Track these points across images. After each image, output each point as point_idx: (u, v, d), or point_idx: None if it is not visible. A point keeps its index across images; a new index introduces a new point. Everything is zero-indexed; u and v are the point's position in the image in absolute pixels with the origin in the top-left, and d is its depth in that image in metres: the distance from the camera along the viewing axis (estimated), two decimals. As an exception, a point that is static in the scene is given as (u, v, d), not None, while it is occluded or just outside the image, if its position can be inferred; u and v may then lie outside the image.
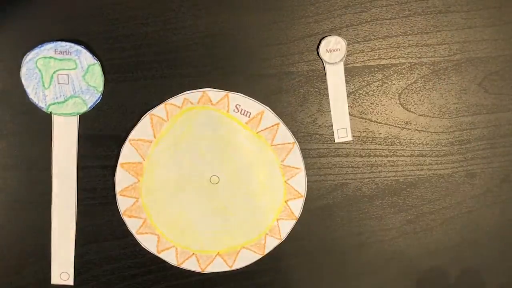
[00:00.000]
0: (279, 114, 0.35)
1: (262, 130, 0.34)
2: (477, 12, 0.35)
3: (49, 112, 0.32)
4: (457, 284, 0.37)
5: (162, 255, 0.34)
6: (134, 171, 0.33)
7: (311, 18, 0.34)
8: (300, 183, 0.35)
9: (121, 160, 0.33)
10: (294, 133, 0.35)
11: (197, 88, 0.34)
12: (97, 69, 0.31)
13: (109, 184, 0.34)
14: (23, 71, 0.31)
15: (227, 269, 0.35)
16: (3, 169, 0.33)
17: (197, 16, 0.34)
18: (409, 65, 0.35)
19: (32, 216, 0.34)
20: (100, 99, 0.32)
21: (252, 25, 0.34)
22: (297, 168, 0.34)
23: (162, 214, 0.34)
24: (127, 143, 0.33)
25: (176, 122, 0.33)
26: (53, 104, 0.31)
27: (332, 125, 0.35)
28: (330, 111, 0.35)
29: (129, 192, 0.33)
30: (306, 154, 0.35)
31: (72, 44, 0.31)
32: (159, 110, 0.33)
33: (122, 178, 0.33)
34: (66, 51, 0.31)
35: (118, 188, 0.33)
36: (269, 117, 0.34)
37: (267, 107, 0.34)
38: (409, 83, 0.35)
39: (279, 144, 0.34)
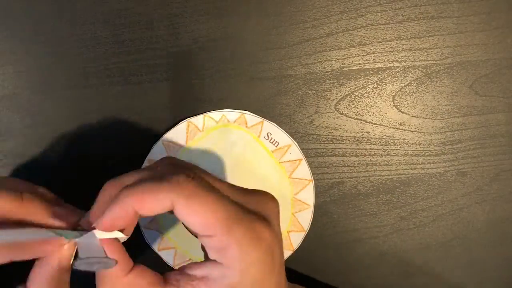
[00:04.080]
0: (278, 115, 0.35)
1: (285, 162, 0.35)
2: (467, 17, 0.36)
3: None
4: (449, 278, 0.38)
5: (161, 253, 0.35)
6: None
7: (309, 23, 0.35)
8: (305, 219, 0.35)
9: (149, 156, 0.34)
10: (292, 134, 0.35)
11: (200, 91, 0.34)
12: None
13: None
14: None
15: None
16: (12, 170, 0.34)
17: (199, 21, 0.34)
18: (402, 68, 0.36)
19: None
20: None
21: (252, 30, 0.35)
22: (307, 204, 0.35)
23: (172, 217, 0.34)
24: (159, 142, 0.34)
25: (209, 134, 0.34)
26: None
27: (329, 125, 0.36)
28: (327, 113, 0.36)
29: None
30: (304, 154, 0.35)
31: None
32: (197, 120, 0.34)
33: None
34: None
35: None
36: (295, 151, 0.35)
37: (295, 142, 0.35)
38: (403, 85, 0.36)
39: (297, 178, 0.35)
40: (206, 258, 0.25)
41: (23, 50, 0.34)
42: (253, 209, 0.25)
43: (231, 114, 0.34)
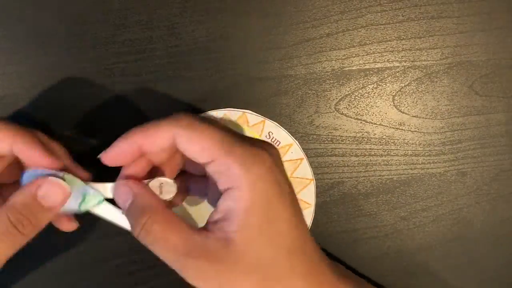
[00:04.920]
0: (278, 115, 0.35)
1: (286, 161, 0.35)
2: (468, 17, 0.36)
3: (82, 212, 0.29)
4: (449, 278, 0.38)
5: None
6: None
7: (309, 23, 0.35)
8: (306, 218, 0.35)
9: None
10: (293, 134, 0.35)
11: (201, 91, 0.35)
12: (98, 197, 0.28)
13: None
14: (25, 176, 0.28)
15: None
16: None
17: (199, 21, 0.34)
18: (402, 68, 0.36)
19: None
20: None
21: (252, 30, 0.35)
22: (308, 203, 0.35)
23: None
24: None
25: None
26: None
27: (329, 125, 0.36)
28: (327, 113, 0.36)
29: None
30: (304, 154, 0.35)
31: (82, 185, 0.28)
32: None
33: None
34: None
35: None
36: (296, 150, 0.35)
37: (296, 141, 0.35)
38: (403, 85, 0.36)
39: (298, 178, 0.35)
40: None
41: (23, 50, 0.34)
42: (253, 142, 0.26)
43: (233, 113, 0.34)
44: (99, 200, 0.28)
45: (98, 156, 0.27)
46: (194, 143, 0.25)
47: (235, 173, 0.24)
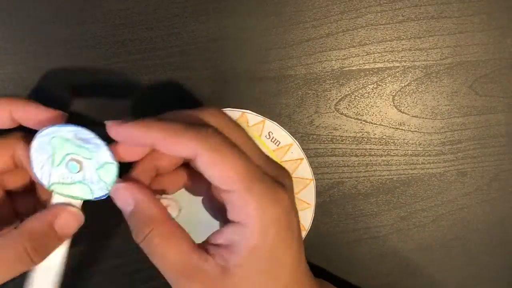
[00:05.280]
0: (278, 115, 0.35)
1: (286, 161, 0.35)
2: (468, 17, 0.36)
3: (50, 190, 0.28)
4: (449, 278, 0.38)
5: None
6: None
7: (309, 23, 0.35)
8: (306, 218, 0.35)
9: None
10: (293, 134, 0.35)
11: (201, 91, 0.35)
12: (113, 169, 0.27)
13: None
14: (35, 144, 0.27)
15: None
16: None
17: (199, 21, 0.34)
18: (402, 68, 0.36)
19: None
20: (107, 196, 0.28)
21: (252, 30, 0.35)
22: (307, 203, 0.35)
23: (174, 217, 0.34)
24: None
25: None
26: (57, 183, 0.28)
27: (329, 125, 0.36)
28: (327, 113, 0.36)
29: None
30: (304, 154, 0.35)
31: (93, 136, 0.27)
32: None
33: None
34: (85, 140, 0.27)
35: None
36: (296, 150, 0.35)
37: (296, 141, 0.35)
38: (403, 85, 0.36)
39: (298, 178, 0.35)
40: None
41: (23, 50, 0.34)
42: (273, 175, 0.25)
43: (232, 114, 0.34)
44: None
45: (106, 122, 0.25)
46: (215, 169, 0.24)
47: (251, 213, 0.24)
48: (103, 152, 0.27)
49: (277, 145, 0.35)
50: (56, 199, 0.27)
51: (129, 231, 0.35)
